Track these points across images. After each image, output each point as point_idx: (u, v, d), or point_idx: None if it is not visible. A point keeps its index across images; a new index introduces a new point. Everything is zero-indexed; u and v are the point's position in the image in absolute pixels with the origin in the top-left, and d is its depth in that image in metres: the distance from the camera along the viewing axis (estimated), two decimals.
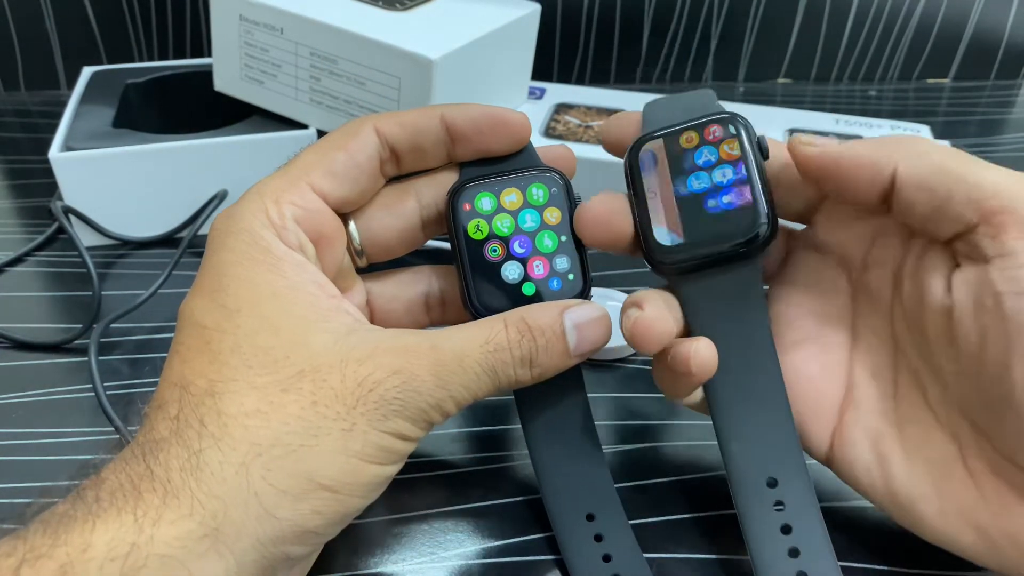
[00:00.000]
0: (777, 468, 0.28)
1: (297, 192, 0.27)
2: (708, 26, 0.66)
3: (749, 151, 0.28)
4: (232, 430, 0.23)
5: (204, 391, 0.24)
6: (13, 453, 0.34)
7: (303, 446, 0.24)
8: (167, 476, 0.23)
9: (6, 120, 0.62)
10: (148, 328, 0.41)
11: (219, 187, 0.47)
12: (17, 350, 0.40)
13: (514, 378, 0.27)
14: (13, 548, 0.21)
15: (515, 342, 0.26)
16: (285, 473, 0.23)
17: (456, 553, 0.30)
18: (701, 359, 0.27)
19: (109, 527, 0.21)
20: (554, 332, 0.27)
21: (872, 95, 0.67)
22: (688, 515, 0.31)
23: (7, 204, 0.52)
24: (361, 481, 0.25)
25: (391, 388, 0.25)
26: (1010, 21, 0.66)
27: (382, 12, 0.46)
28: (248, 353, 0.25)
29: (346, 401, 0.24)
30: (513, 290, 0.29)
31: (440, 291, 0.32)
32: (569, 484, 0.30)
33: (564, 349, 0.27)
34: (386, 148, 0.29)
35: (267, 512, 0.23)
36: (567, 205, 0.29)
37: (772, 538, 0.28)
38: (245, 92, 0.49)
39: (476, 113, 0.29)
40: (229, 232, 0.27)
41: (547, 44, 0.65)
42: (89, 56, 0.64)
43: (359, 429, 0.24)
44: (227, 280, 0.26)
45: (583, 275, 0.29)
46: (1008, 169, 0.25)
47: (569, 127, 0.52)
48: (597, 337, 0.27)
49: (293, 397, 0.24)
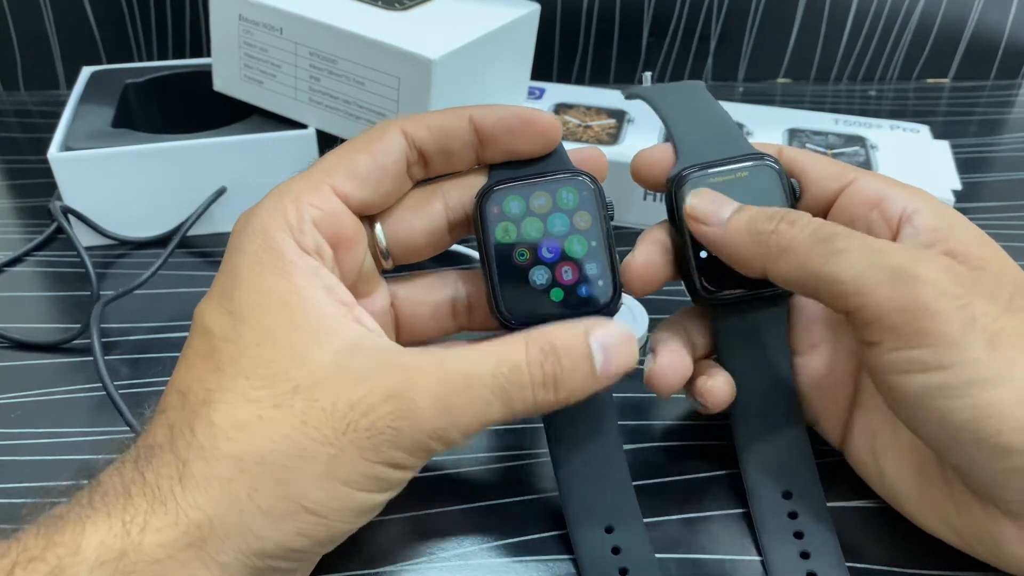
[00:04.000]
0: (792, 482, 0.31)
1: (317, 194, 0.27)
2: (708, 26, 0.66)
3: (785, 194, 0.30)
4: (219, 442, 0.23)
5: (201, 400, 0.24)
6: (11, 453, 0.34)
7: (287, 467, 0.23)
8: (157, 483, 0.23)
9: (5, 120, 0.62)
10: (147, 328, 0.41)
11: (218, 187, 0.47)
12: (16, 350, 0.40)
13: (533, 402, 0.25)
14: (7, 549, 0.21)
15: (535, 362, 0.25)
16: (270, 493, 0.23)
17: (456, 553, 0.30)
18: (717, 398, 0.30)
19: (99, 530, 0.22)
20: (580, 353, 0.25)
21: (872, 95, 0.67)
22: (691, 515, 0.31)
23: (6, 204, 0.52)
24: (349, 507, 0.24)
25: (384, 415, 0.23)
26: (1010, 21, 0.66)
27: (381, 12, 0.46)
28: (247, 365, 0.24)
29: (335, 425, 0.23)
30: (541, 295, 0.28)
31: (467, 296, 0.31)
32: (591, 495, 0.29)
33: (590, 371, 0.26)
34: (413, 150, 0.29)
35: (250, 530, 0.23)
36: (598, 209, 0.29)
37: (784, 543, 0.29)
38: (244, 92, 0.49)
39: (505, 114, 0.28)
40: (245, 233, 0.26)
41: (547, 44, 0.65)
42: (88, 56, 0.64)
43: (347, 456, 0.23)
44: (237, 285, 0.26)
45: (612, 281, 0.29)
46: (873, 244, 0.25)
47: (569, 127, 0.52)
48: (624, 359, 0.26)
49: (284, 414, 0.23)
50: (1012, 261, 0.27)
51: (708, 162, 0.31)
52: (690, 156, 0.31)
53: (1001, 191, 0.54)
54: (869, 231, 0.28)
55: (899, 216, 0.28)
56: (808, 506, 0.30)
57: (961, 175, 0.48)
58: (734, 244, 0.28)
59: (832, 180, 0.30)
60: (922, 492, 0.28)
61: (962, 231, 0.27)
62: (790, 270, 0.26)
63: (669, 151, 0.32)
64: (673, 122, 0.32)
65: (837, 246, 0.25)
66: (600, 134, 0.51)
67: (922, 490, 0.28)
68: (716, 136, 0.32)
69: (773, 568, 0.29)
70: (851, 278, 0.25)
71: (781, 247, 0.26)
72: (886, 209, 0.28)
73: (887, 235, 0.28)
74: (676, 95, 0.34)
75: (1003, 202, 0.52)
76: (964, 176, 0.49)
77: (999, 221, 0.50)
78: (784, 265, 0.26)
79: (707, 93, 0.34)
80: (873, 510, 0.31)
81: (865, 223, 0.29)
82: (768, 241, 0.27)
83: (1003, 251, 0.28)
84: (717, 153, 0.31)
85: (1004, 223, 0.50)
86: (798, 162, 0.31)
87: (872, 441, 0.30)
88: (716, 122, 0.32)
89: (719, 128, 0.32)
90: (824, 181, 0.30)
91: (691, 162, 0.31)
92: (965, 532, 0.27)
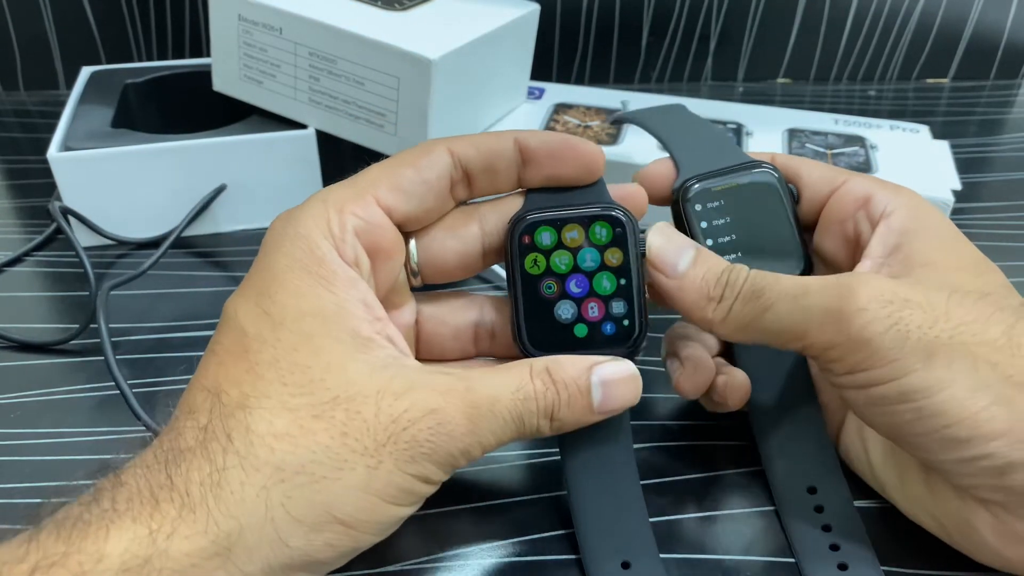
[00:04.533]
0: (817, 478, 0.31)
1: (361, 204, 0.27)
2: (707, 26, 0.66)
3: (785, 198, 0.32)
4: (258, 450, 0.23)
5: (236, 403, 0.24)
6: (11, 453, 0.34)
7: (326, 478, 0.23)
8: (187, 488, 0.22)
9: (5, 120, 0.62)
10: (148, 328, 0.41)
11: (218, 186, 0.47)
12: (15, 350, 0.40)
13: (536, 428, 0.26)
14: (26, 553, 0.21)
15: (540, 392, 0.26)
16: (304, 503, 0.23)
17: (456, 553, 0.30)
18: (736, 395, 0.31)
19: (123, 536, 0.21)
20: (578, 387, 0.26)
21: (871, 95, 0.67)
22: (695, 515, 0.31)
23: (6, 204, 0.52)
24: (377, 520, 0.24)
25: (424, 429, 0.24)
26: (1009, 21, 0.66)
27: (381, 12, 0.46)
28: (285, 370, 0.24)
29: (377, 436, 0.24)
30: (565, 330, 0.28)
31: (492, 322, 0.31)
32: (607, 530, 0.29)
33: (587, 405, 0.27)
34: (459, 169, 0.29)
35: (280, 539, 0.23)
36: (631, 247, 0.28)
37: (814, 537, 0.30)
38: (244, 92, 0.49)
39: (551, 138, 0.29)
40: (286, 235, 0.26)
41: (546, 44, 0.65)
42: (88, 56, 0.64)
43: (385, 468, 0.24)
44: (276, 286, 0.25)
45: (639, 322, 0.28)
46: (794, 290, 0.26)
47: (568, 127, 0.52)
48: (625, 397, 0.27)
49: (324, 425, 0.24)
50: (973, 259, 0.28)
51: (710, 172, 0.32)
52: (691, 167, 0.32)
53: (1001, 191, 0.54)
54: (856, 229, 0.30)
55: (880, 214, 0.30)
56: (834, 501, 0.30)
57: (961, 175, 0.48)
58: (685, 302, 0.28)
59: (825, 183, 0.32)
60: (904, 482, 0.29)
61: (928, 235, 0.29)
62: (731, 332, 0.28)
63: (670, 165, 0.33)
64: (668, 138, 0.33)
65: (765, 301, 0.27)
66: (600, 134, 0.51)
67: (904, 481, 0.29)
68: (713, 147, 0.33)
69: (805, 561, 0.29)
70: (786, 328, 0.27)
71: (722, 312, 0.28)
72: (870, 208, 0.30)
73: (869, 232, 0.30)
74: (664, 116, 0.35)
75: (1003, 202, 0.52)
76: (964, 176, 0.49)
77: (998, 221, 0.50)
78: (725, 329, 0.28)
79: (691, 113, 0.35)
80: (873, 510, 0.31)
81: (853, 222, 0.31)
82: (712, 307, 0.28)
83: (968, 251, 0.29)
84: (716, 163, 0.32)
85: (1003, 223, 0.50)
86: (792, 168, 0.33)
87: (861, 435, 0.31)
88: (709, 135, 0.34)
89: (714, 140, 0.33)
90: (818, 184, 0.32)
91: (693, 173, 0.32)
92: (945, 521, 0.27)
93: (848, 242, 0.31)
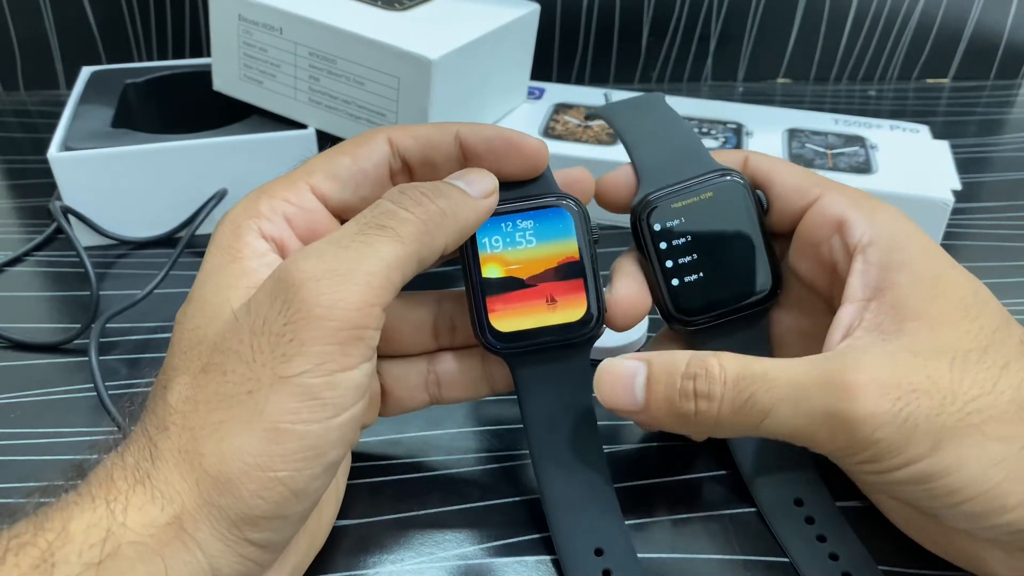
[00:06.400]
0: (801, 490, 0.31)
1: (293, 191, 0.28)
2: (707, 26, 0.66)
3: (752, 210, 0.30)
4: (174, 418, 0.24)
5: (162, 384, 0.25)
6: (11, 453, 0.34)
7: (223, 422, 0.23)
8: (136, 464, 0.23)
9: (5, 120, 0.62)
10: (147, 328, 0.41)
11: (218, 187, 0.47)
12: (15, 350, 0.40)
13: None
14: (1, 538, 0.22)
15: None
16: (216, 457, 0.23)
17: (456, 553, 0.30)
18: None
19: (85, 513, 0.22)
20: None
21: (871, 95, 0.67)
22: (682, 516, 0.31)
23: (6, 204, 0.52)
24: (290, 449, 0.23)
25: (281, 324, 0.23)
26: (1010, 21, 0.66)
27: (381, 12, 0.46)
28: (187, 341, 0.25)
29: (244, 356, 0.23)
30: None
31: (450, 316, 0.31)
32: (578, 520, 0.29)
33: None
34: (397, 158, 0.29)
35: (208, 499, 0.23)
36: (583, 234, 0.29)
37: (811, 547, 0.30)
38: (244, 92, 0.49)
39: (492, 134, 0.28)
40: (221, 223, 0.27)
41: (546, 44, 0.65)
42: (88, 56, 0.64)
43: (264, 384, 0.23)
44: (201, 272, 0.27)
45: (597, 307, 0.29)
46: (796, 392, 0.25)
47: (568, 127, 0.52)
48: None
49: (212, 375, 0.24)
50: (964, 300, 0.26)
51: (670, 185, 0.30)
52: (652, 179, 0.31)
53: (1001, 191, 0.54)
54: (831, 256, 0.29)
55: (855, 244, 0.28)
56: (822, 511, 0.30)
57: (961, 175, 0.48)
58: (664, 425, 0.27)
59: (798, 195, 0.30)
60: (907, 521, 0.29)
61: (912, 275, 0.27)
62: (730, 435, 0.27)
63: (631, 174, 0.31)
64: (632, 143, 0.32)
65: (761, 407, 0.25)
66: (600, 134, 0.51)
67: (907, 517, 0.29)
68: (678, 154, 0.31)
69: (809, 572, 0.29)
70: (789, 433, 0.25)
71: (711, 425, 0.26)
72: (846, 234, 0.28)
73: (846, 262, 0.28)
74: (635, 112, 0.33)
75: (1003, 202, 0.52)
76: (964, 176, 0.49)
77: (998, 221, 0.50)
78: (723, 433, 0.27)
79: (667, 106, 0.33)
80: (859, 509, 0.31)
81: (828, 247, 0.29)
82: (696, 421, 0.26)
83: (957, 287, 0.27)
84: (679, 173, 0.30)
85: (1003, 223, 0.50)
86: (764, 172, 0.31)
87: None
88: (677, 138, 0.32)
89: (680, 144, 0.31)
90: (790, 195, 0.30)
91: (653, 186, 0.30)
92: (950, 550, 0.28)
93: (824, 267, 0.30)
